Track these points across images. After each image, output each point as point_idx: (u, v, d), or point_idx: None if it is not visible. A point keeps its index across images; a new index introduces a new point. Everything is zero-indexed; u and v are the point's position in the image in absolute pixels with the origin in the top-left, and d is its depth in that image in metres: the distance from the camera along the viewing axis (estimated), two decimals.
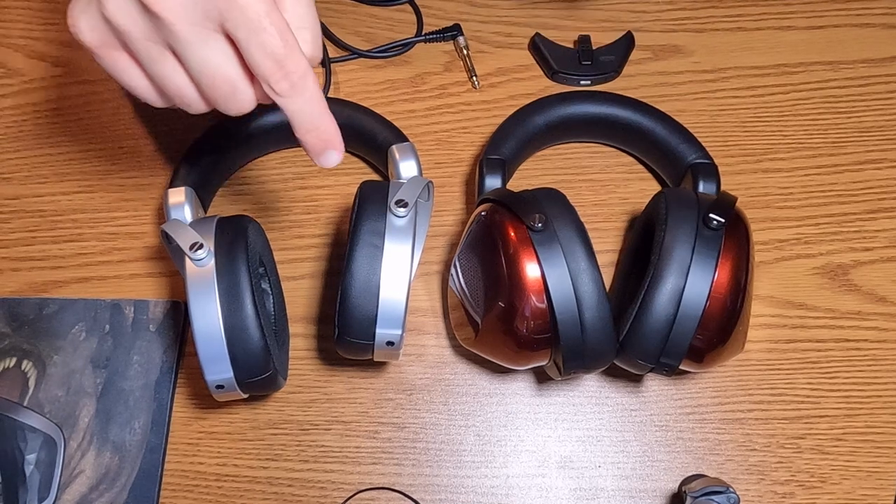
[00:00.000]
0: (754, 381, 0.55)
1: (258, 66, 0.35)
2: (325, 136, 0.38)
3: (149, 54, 0.36)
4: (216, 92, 0.37)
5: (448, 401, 0.55)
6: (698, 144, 0.56)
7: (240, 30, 0.34)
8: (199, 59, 0.36)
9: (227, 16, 0.34)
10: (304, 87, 0.36)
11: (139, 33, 0.36)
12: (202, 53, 0.35)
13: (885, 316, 0.57)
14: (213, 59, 0.36)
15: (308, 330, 0.57)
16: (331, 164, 0.39)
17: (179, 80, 0.37)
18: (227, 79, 0.36)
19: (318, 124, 0.38)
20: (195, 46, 0.35)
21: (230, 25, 0.34)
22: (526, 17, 0.65)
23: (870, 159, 0.61)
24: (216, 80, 0.36)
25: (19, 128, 0.62)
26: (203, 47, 0.35)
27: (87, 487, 0.53)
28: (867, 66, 0.64)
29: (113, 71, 0.38)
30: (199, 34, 0.35)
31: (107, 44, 0.37)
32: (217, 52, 0.36)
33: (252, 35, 0.34)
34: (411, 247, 0.46)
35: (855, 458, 0.54)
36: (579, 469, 0.54)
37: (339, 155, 0.39)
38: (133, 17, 0.35)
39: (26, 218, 0.60)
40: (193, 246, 0.46)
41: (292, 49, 0.35)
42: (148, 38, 0.36)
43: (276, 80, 0.35)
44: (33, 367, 0.55)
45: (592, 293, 0.45)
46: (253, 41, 0.34)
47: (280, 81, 0.35)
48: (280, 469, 0.54)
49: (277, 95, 0.36)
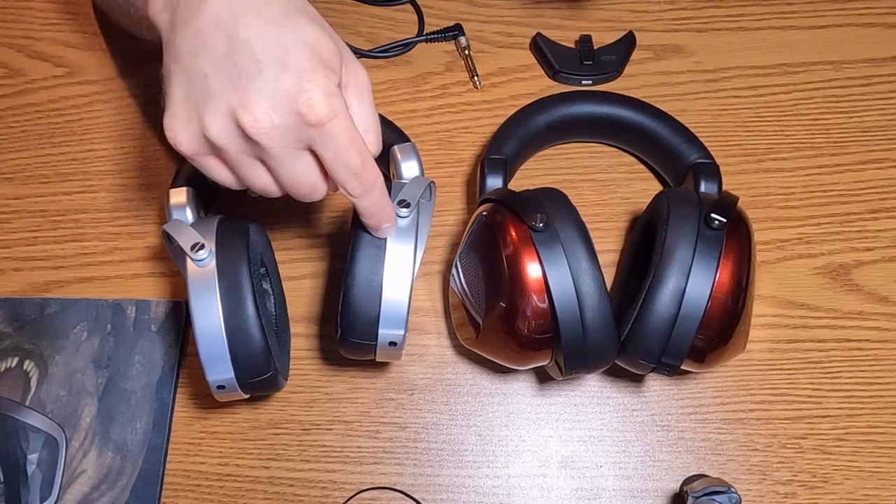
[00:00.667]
0: (756, 381, 0.55)
1: (339, 177, 0.41)
2: (383, 218, 0.44)
3: (241, 163, 0.41)
4: (297, 191, 0.42)
5: (449, 401, 0.55)
6: (700, 144, 0.56)
7: (327, 152, 0.40)
8: (289, 171, 0.41)
9: (317, 142, 0.39)
10: (374, 189, 0.42)
11: (236, 149, 0.40)
12: (292, 168, 0.40)
13: (887, 316, 0.57)
14: (300, 170, 0.41)
15: (309, 330, 0.57)
16: (385, 236, 0.45)
17: (265, 181, 0.42)
18: (309, 183, 0.42)
19: (381, 212, 0.44)
20: (286, 163, 0.40)
21: (318, 148, 0.40)
22: (527, 16, 0.65)
23: (872, 159, 0.61)
24: (300, 185, 0.42)
25: (21, 128, 0.62)
26: (293, 163, 0.40)
27: (88, 487, 0.53)
28: (869, 66, 0.64)
29: (202, 169, 0.42)
30: (291, 154, 0.40)
31: (202, 153, 0.41)
32: (304, 165, 0.41)
33: (337, 157, 0.40)
34: (413, 247, 0.46)
35: (857, 458, 0.54)
36: (581, 469, 0.54)
37: (393, 228, 0.45)
38: (232, 138, 0.39)
39: (28, 218, 0.60)
40: (195, 246, 0.46)
41: (368, 164, 0.41)
42: (242, 153, 0.40)
43: (353, 188, 0.41)
44: (35, 367, 0.55)
45: (594, 293, 0.45)
46: (338, 161, 0.40)
47: (356, 188, 0.41)
48: (282, 469, 0.54)
49: (352, 196, 0.42)
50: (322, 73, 0.39)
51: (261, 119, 0.38)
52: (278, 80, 0.38)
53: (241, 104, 0.38)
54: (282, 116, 0.38)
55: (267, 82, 0.38)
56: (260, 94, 0.38)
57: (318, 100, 0.38)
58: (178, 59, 0.39)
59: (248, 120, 0.38)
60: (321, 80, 0.38)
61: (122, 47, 0.64)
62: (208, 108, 0.39)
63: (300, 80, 0.38)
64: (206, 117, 0.39)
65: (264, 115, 0.38)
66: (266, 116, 0.38)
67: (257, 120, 0.38)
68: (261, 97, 0.38)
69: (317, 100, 0.38)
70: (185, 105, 0.40)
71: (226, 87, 0.38)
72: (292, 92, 0.38)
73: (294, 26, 0.39)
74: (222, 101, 0.38)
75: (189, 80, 0.39)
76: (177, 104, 0.40)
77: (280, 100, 0.38)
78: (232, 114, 0.38)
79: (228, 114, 0.38)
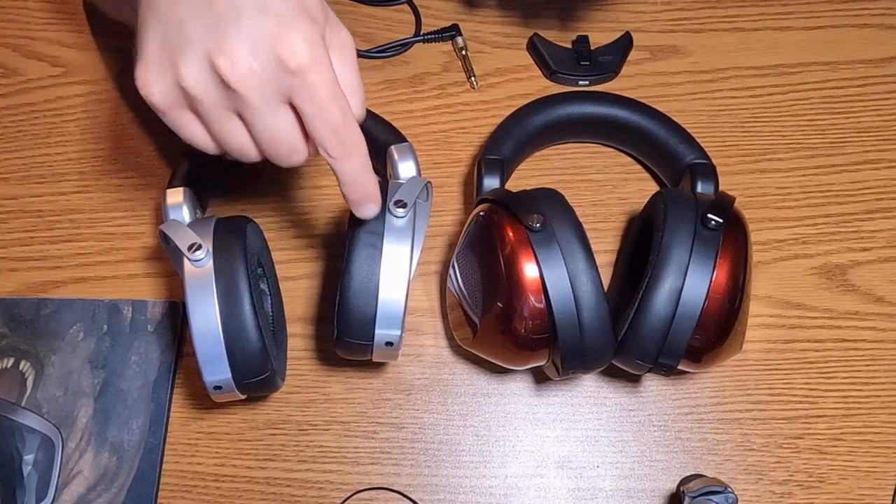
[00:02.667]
0: (752, 381, 0.55)
1: (318, 135, 0.39)
2: (366, 191, 0.42)
3: (217, 117, 0.39)
4: (276, 151, 0.40)
5: (446, 401, 0.55)
6: (696, 145, 0.56)
7: (307, 105, 0.38)
8: (267, 126, 0.39)
9: (296, 92, 0.37)
10: (355, 153, 0.40)
11: (211, 101, 0.38)
12: (270, 121, 0.38)
13: (883, 316, 0.57)
14: (278, 126, 0.39)
15: (306, 330, 0.57)
16: (369, 216, 0.43)
17: (242, 139, 0.40)
18: (288, 142, 0.39)
19: (363, 183, 0.41)
20: (264, 115, 0.38)
21: (298, 101, 0.38)
22: (524, 17, 0.65)
23: (868, 159, 0.61)
24: (278, 143, 0.39)
25: (17, 128, 0.62)
26: (271, 116, 0.38)
27: (85, 488, 0.53)
28: (865, 67, 0.64)
29: (176, 127, 0.40)
30: (269, 106, 0.38)
31: (175, 106, 0.39)
32: (282, 120, 0.39)
33: (318, 112, 0.38)
34: (410, 247, 0.46)
35: (853, 458, 0.54)
36: (577, 469, 0.54)
37: (377, 208, 0.43)
38: (208, 86, 0.37)
39: (24, 218, 0.60)
40: (192, 247, 0.46)
41: (349, 122, 0.39)
42: (219, 105, 0.38)
43: (332, 147, 0.39)
44: (31, 368, 0.55)
45: (591, 293, 0.45)
46: (318, 116, 0.38)
47: (336, 148, 0.39)
48: (278, 469, 0.54)
49: (331, 158, 0.40)
50: (305, 22, 0.37)
51: (238, 64, 0.36)
52: (258, 24, 0.36)
53: (218, 49, 0.36)
54: (261, 62, 0.36)
55: (246, 26, 0.36)
56: (238, 39, 0.36)
57: (300, 45, 0.36)
58: (153, 8, 0.38)
59: (224, 65, 0.36)
60: (304, 27, 0.37)
61: (118, 47, 0.64)
62: (184, 54, 0.37)
63: (282, 26, 0.36)
64: (181, 64, 0.37)
65: (242, 61, 0.36)
66: (244, 62, 0.36)
67: (234, 65, 0.36)
68: (239, 41, 0.36)
69: (298, 45, 0.36)
70: (160, 54, 0.37)
71: (202, 33, 0.36)
72: (273, 36, 0.36)
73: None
74: (199, 47, 0.36)
75: (165, 29, 0.37)
76: (150, 53, 0.38)
77: (260, 44, 0.36)
78: (208, 59, 0.36)
79: (205, 59, 0.36)
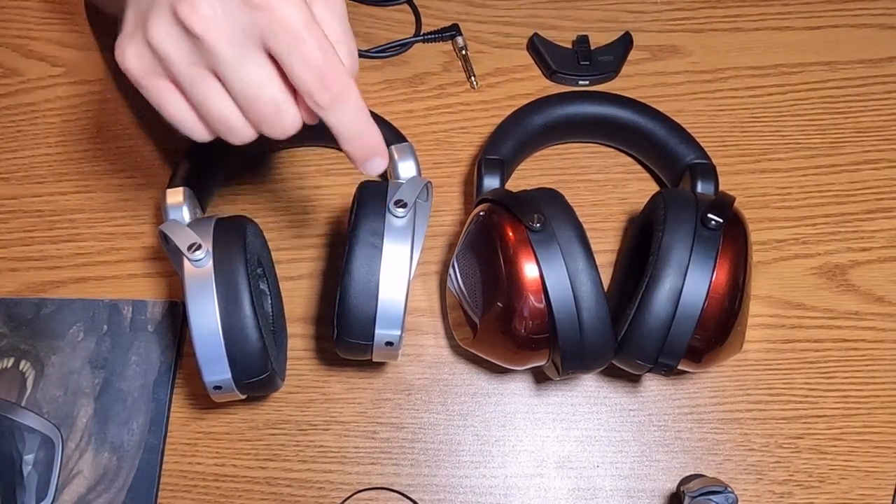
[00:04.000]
0: (752, 380, 0.55)
1: (300, 80, 0.36)
2: (369, 144, 0.39)
3: (192, 78, 0.37)
4: (260, 113, 0.37)
5: (446, 401, 0.55)
6: (696, 145, 0.56)
7: (280, 44, 0.35)
8: (242, 78, 0.36)
9: (266, 31, 0.35)
10: (347, 99, 0.37)
11: (182, 58, 0.36)
12: (244, 73, 0.36)
13: (883, 316, 0.57)
14: (255, 78, 0.36)
15: (306, 330, 0.57)
16: (376, 172, 0.40)
17: (223, 105, 0.37)
18: (271, 98, 0.37)
19: (362, 134, 0.38)
20: (237, 66, 0.36)
21: (271, 42, 0.35)
22: (524, 17, 0.65)
23: (868, 159, 0.61)
24: (260, 101, 0.37)
25: (17, 128, 0.62)
26: (245, 66, 0.36)
27: (85, 488, 0.53)
28: (865, 67, 0.64)
29: (156, 100, 0.38)
30: (241, 53, 0.35)
31: (151, 72, 0.37)
32: (259, 70, 0.36)
33: (292, 49, 0.35)
34: (410, 247, 0.46)
35: (853, 458, 0.54)
36: (577, 469, 0.54)
37: (385, 161, 0.40)
38: (176, 41, 0.36)
39: (24, 218, 0.60)
40: (191, 247, 0.46)
41: (332, 61, 0.36)
42: (191, 63, 0.36)
43: (318, 93, 0.36)
44: (31, 368, 0.55)
45: (591, 293, 0.45)
46: (294, 55, 0.35)
47: (322, 93, 0.36)
48: (278, 469, 0.54)
49: (320, 108, 0.37)
50: None
51: (200, 7, 0.34)
52: None
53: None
54: (224, 3, 0.35)
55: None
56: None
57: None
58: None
59: (186, 11, 0.34)
60: None
61: None
62: (151, 12, 0.36)
63: None
64: (149, 23, 0.36)
65: (204, 4, 0.34)
66: (206, 5, 0.35)
67: (196, 9, 0.35)
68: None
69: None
70: (134, 22, 0.37)
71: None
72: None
73: None
74: (164, 3, 0.35)
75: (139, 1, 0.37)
76: (126, 25, 0.37)
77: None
78: (173, 12, 0.35)
79: (170, 13, 0.35)
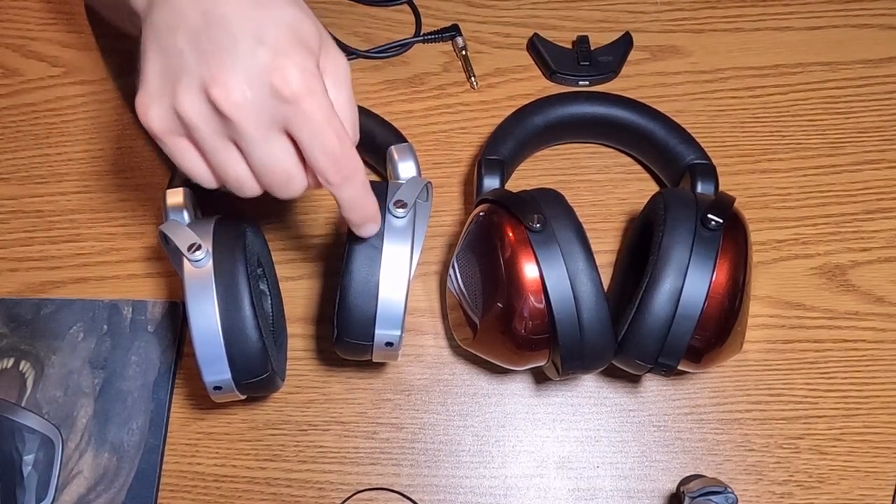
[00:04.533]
0: (752, 381, 0.55)
1: (316, 163, 0.39)
2: (367, 213, 0.43)
3: (214, 145, 0.39)
4: (273, 181, 0.40)
5: (446, 401, 0.55)
6: (696, 145, 0.56)
7: (303, 133, 0.38)
8: (262, 154, 0.39)
9: (291, 120, 0.38)
10: (355, 180, 0.41)
11: (208, 130, 0.39)
12: (265, 150, 0.39)
13: (883, 316, 0.57)
14: (274, 154, 0.39)
15: (306, 330, 0.57)
16: (369, 234, 0.44)
17: (239, 169, 0.40)
18: (285, 171, 0.40)
19: (363, 206, 0.42)
20: (260, 144, 0.39)
21: (294, 129, 0.38)
22: (524, 17, 0.65)
23: (868, 160, 0.61)
24: (275, 173, 0.40)
25: (17, 128, 0.62)
26: (266, 145, 0.39)
27: (85, 488, 0.53)
28: (865, 67, 0.64)
29: (173, 154, 0.41)
30: (265, 134, 0.38)
31: (173, 132, 0.40)
32: (278, 148, 0.39)
33: (314, 138, 0.38)
34: (410, 247, 0.46)
35: (853, 459, 0.54)
36: (577, 469, 0.54)
37: (377, 226, 0.44)
38: (204, 115, 0.38)
39: (24, 218, 0.60)
40: (191, 247, 0.46)
41: (346, 147, 0.39)
42: (215, 133, 0.39)
43: (331, 175, 0.40)
44: (31, 368, 0.55)
45: (591, 294, 0.45)
46: (315, 143, 0.38)
47: (335, 175, 0.40)
48: (278, 469, 0.54)
49: (330, 185, 0.40)
50: (299, 52, 0.38)
51: (232, 93, 0.37)
52: (253, 55, 0.37)
53: (212, 78, 0.37)
54: (255, 91, 0.37)
55: (241, 57, 0.37)
56: (233, 69, 0.37)
57: (294, 75, 0.37)
58: (154, 37, 0.39)
59: (219, 94, 0.37)
60: (298, 57, 0.38)
61: (118, 47, 0.64)
62: (180, 82, 0.38)
63: (276, 56, 0.37)
64: (178, 92, 0.38)
65: (236, 89, 0.37)
66: (238, 90, 0.37)
67: (229, 94, 0.37)
68: (234, 72, 0.37)
69: (292, 75, 0.37)
70: (159, 81, 0.39)
71: (199, 62, 0.37)
72: (267, 67, 0.37)
73: (273, 5, 0.38)
74: (195, 76, 0.37)
75: (164, 57, 0.38)
76: (150, 81, 0.39)
77: (254, 74, 0.37)
78: (204, 88, 0.37)
79: (200, 88, 0.37)
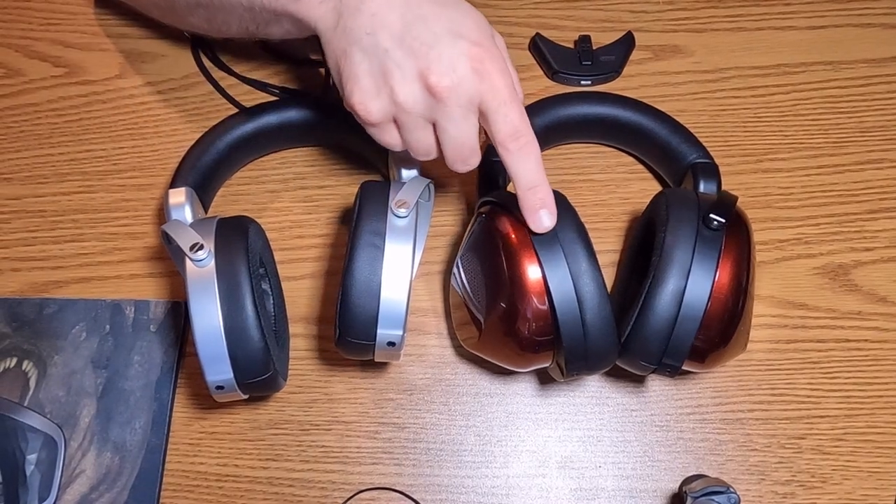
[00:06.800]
0: (755, 381, 0.55)
1: (499, 132, 0.45)
2: (541, 196, 0.46)
3: (415, 126, 0.46)
4: (458, 154, 0.46)
5: (449, 401, 0.55)
6: (699, 144, 0.56)
7: (491, 104, 0.44)
8: (458, 129, 0.45)
9: (485, 95, 0.44)
10: (530, 152, 0.45)
11: (417, 112, 0.45)
12: (461, 126, 0.45)
13: (886, 316, 0.57)
14: (466, 130, 0.45)
15: (308, 330, 0.57)
16: (542, 228, 0.46)
17: (429, 142, 0.46)
18: (471, 146, 0.46)
19: (538, 184, 0.46)
20: (459, 121, 0.45)
21: (485, 102, 0.44)
22: (526, 17, 0.65)
23: (871, 159, 0.61)
24: (465, 146, 0.46)
25: (20, 128, 0.62)
26: (464, 121, 0.45)
27: (87, 487, 0.53)
28: (868, 66, 0.64)
29: (380, 136, 0.47)
30: (464, 113, 0.44)
31: (386, 120, 0.46)
32: (470, 125, 0.45)
33: (500, 108, 0.44)
34: (412, 247, 0.46)
35: (856, 459, 0.54)
36: (580, 469, 0.54)
37: (552, 219, 0.46)
38: (419, 100, 0.44)
39: (27, 218, 0.60)
40: (194, 246, 0.46)
41: (525, 119, 0.45)
42: (421, 116, 0.45)
43: (511, 142, 0.45)
44: (34, 368, 0.55)
45: (594, 294, 0.45)
46: (500, 112, 0.44)
47: (514, 143, 0.45)
48: (281, 469, 0.54)
49: (509, 153, 0.45)
50: (486, 38, 0.45)
51: (444, 78, 0.43)
52: (454, 45, 0.44)
53: (427, 68, 0.43)
54: (461, 75, 0.43)
55: (445, 48, 0.43)
56: (441, 58, 0.43)
57: (489, 58, 0.44)
58: (354, 41, 0.44)
59: (435, 80, 0.43)
60: (487, 43, 0.45)
61: (120, 47, 0.64)
62: (394, 76, 0.44)
63: (472, 45, 0.44)
64: (396, 85, 0.44)
65: (447, 75, 0.43)
66: (449, 75, 0.43)
67: (441, 79, 0.43)
68: (441, 60, 0.43)
69: (488, 58, 0.44)
70: (372, 79, 0.45)
71: (408, 56, 0.44)
72: (468, 53, 0.44)
73: (453, 5, 0.45)
74: (408, 69, 0.44)
75: (369, 57, 0.44)
76: (362, 80, 0.45)
77: (458, 61, 0.43)
78: (419, 77, 0.44)
79: (416, 78, 0.44)
